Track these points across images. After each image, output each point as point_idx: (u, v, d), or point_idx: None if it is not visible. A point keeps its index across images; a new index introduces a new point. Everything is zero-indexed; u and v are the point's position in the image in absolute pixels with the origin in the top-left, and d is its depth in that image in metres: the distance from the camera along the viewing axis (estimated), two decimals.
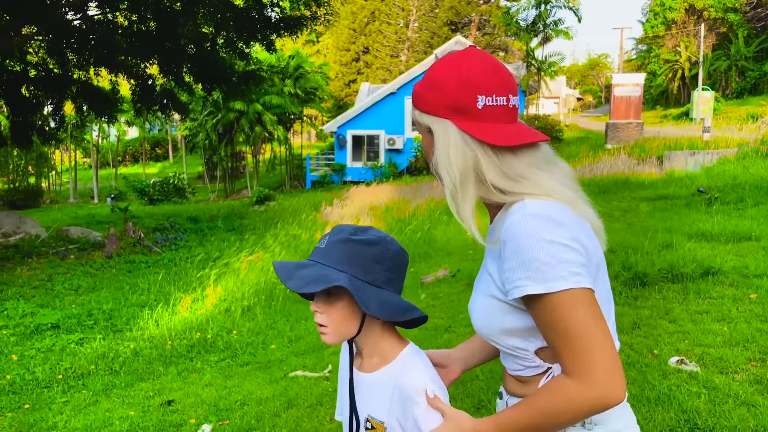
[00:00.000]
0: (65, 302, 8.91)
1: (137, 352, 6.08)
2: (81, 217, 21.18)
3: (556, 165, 1.17)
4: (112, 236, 13.13)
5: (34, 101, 15.59)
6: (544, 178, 1.11)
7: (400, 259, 1.28)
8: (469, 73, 1.11)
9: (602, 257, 1.14)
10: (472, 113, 1.11)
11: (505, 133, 1.10)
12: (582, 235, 1.07)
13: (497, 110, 1.11)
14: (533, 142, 1.13)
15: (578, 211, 1.11)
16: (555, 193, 1.10)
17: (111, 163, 43.57)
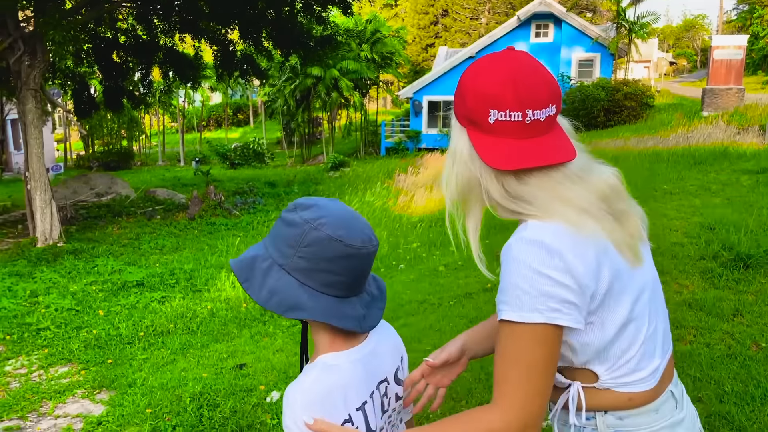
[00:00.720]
0: (150, 261, 9.31)
1: (213, 313, 6.23)
2: (168, 179, 22.17)
3: (583, 180, 1.10)
4: (194, 198, 13.59)
5: (124, 67, 16.25)
6: (555, 199, 1.06)
7: (322, 250, 1.08)
8: (484, 84, 1.07)
9: (619, 278, 1.08)
10: (483, 127, 1.08)
11: (511, 153, 1.05)
12: (580, 265, 1.02)
13: (510, 126, 1.06)
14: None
15: (588, 233, 1.05)
16: (564, 216, 1.05)
17: (196, 127, 45.25)
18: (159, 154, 36.91)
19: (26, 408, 4.24)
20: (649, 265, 1.19)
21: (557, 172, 1.08)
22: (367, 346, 1.20)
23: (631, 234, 1.12)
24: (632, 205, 1.18)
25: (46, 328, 6.03)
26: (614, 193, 1.13)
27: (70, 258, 9.38)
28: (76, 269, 8.71)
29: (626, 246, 1.10)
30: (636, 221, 1.15)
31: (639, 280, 1.12)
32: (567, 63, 25.09)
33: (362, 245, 1.10)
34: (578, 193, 1.08)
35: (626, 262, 1.10)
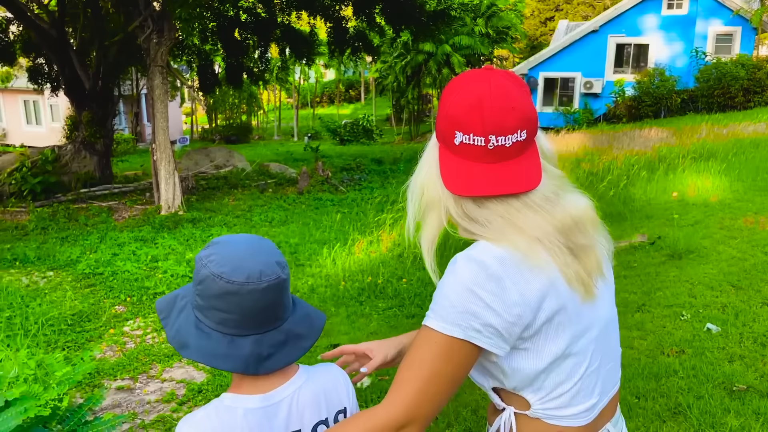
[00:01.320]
0: (259, 233, 9.67)
1: (313, 289, 6.32)
2: (281, 153, 23.01)
3: (545, 210, 1.07)
4: (303, 173, 13.96)
5: (245, 44, 16.93)
6: (509, 226, 1.06)
7: (208, 287, 1.07)
8: (454, 105, 1.07)
9: (564, 311, 1.06)
10: (450, 147, 1.09)
11: (470, 179, 1.06)
12: (516, 294, 1.02)
13: (474, 150, 1.06)
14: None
15: (536, 263, 1.04)
16: (514, 243, 1.05)
17: (310, 103, 46.60)
18: (275, 128, 38.46)
19: (138, 369, 4.51)
20: (605, 303, 1.16)
21: (517, 199, 1.07)
22: (280, 394, 1.13)
23: (587, 269, 1.10)
24: (598, 239, 1.15)
25: (161, 292, 6.42)
26: (577, 225, 1.10)
27: (189, 226, 9.96)
28: (193, 237, 9.23)
29: (578, 281, 1.08)
30: (596, 257, 1.13)
31: (588, 317, 1.11)
32: (702, 37, 22.86)
33: (246, 281, 1.06)
34: (535, 223, 1.06)
35: (576, 296, 1.08)
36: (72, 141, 13.59)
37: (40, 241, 9.10)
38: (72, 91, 13.30)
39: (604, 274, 1.16)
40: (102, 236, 9.32)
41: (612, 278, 1.20)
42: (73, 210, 11.31)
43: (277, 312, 1.11)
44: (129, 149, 24.79)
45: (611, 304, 1.19)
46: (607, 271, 1.18)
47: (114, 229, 9.86)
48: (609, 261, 1.19)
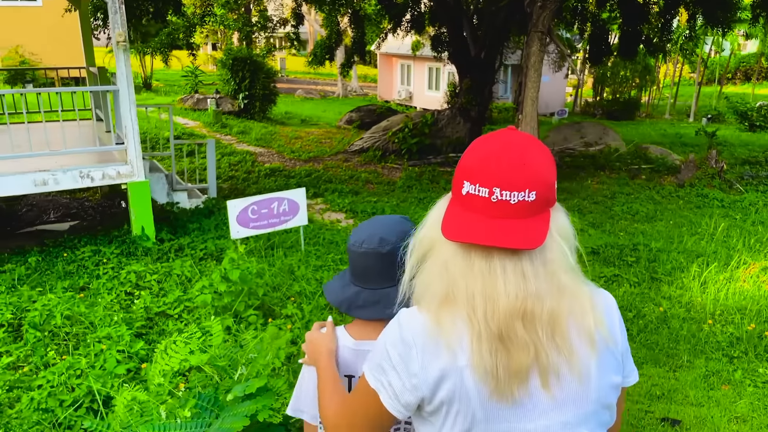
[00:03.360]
0: (616, 227, 8.31)
1: (664, 318, 4.87)
2: (667, 135, 20.18)
3: (512, 283, 1.00)
4: (689, 162, 11.65)
5: (646, 8, 14.94)
6: (452, 292, 1.04)
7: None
8: (469, 156, 1.07)
9: (465, 402, 1.02)
10: (458, 197, 1.07)
11: (465, 225, 1.03)
12: (418, 366, 1.03)
13: (478, 201, 1.03)
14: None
15: (451, 342, 1.01)
16: (440, 316, 1.04)
17: (718, 80, 40.00)
18: (667, 106, 34.28)
19: None
20: (544, 418, 1.04)
21: (497, 261, 1.02)
22: (368, 345, 1.36)
23: (511, 368, 1.00)
24: (570, 347, 1.03)
25: None
26: (551, 321, 1.01)
27: None
28: None
29: (491, 375, 1.00)
30: (537, 361, 1.01)
31: (506, 420, 1.03)
32: None
33: (351, 244, 1.43)
34: (486, 294, 1.00)
35: (484, 391, 1.01)
36: (450, 107, 14.22)
37: (401, 199, 9.66)
38: (458, 58, 13.80)
39: (568, 391, 1.04)
40: None
41: (592, 406, 1.06)
42: (438, 173, 11.80)
43: (376, 277, 1.40)
44: (509, 118, 25.31)
45: (574, 427, 1.06)
46: (588, 392, 1.05)
47: None
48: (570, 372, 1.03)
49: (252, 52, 20.23)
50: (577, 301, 1.05)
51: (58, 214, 8.40)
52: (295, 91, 32.94)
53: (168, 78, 30.23)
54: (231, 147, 13.49)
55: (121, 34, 5.74)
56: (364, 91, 35.87)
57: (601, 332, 1.07)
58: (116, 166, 6.12)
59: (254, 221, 5.79)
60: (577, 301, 1.05)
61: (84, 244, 6.27)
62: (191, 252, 6.28)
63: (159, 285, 5.24)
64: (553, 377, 1.03)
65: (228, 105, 19.20)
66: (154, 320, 4.55)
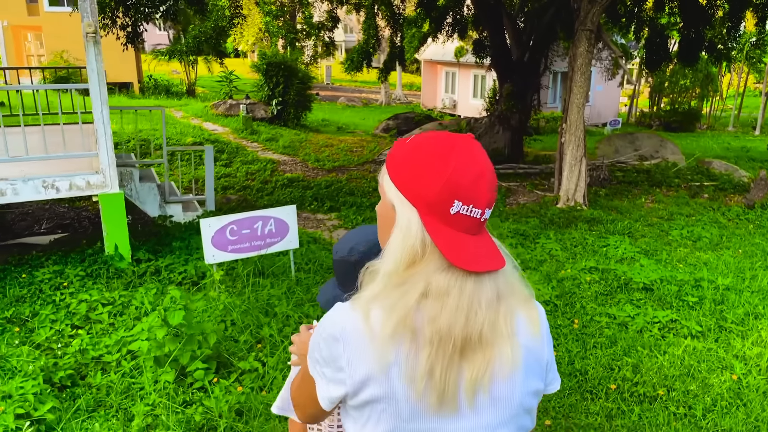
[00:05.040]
0: (674, 255, 7.06)
1: (739, 392, 3.70)
2: (732, 149, 18.43)
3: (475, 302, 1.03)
4: (760, 180, 10.18)
5: (709, 12, 13.51)
6: (408, 302, 1.03)
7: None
8: (458, 171, 1.03)
9: (391, 403, 1.04)
10: (440, 215, 1.04)
11: (464, 250, 1.03)
12: (344, 361, 1.05)
13: (468, 221, 1.04)
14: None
15: (383, 347, 1.02)
16: (385, 320, 1.03)
17: None
18: (731, 118, 31.99)
19: None
20: (479, 423, 1.07)
21: (472, 284, 1.04)
22: None
23: (460, 376, 1.03)
24: (510, 352, 1.06)
25: None
26: (508, 327, 1.07)
27: (583, 228, 8.06)
28: (583, 244, 7.31)
29: (434, 389, 1.02)
30: (481, 372, 1.04)
31: (434, 426, 1.06)
32: None
33: (333, 251, 1.55)
34: (444, 310, 1.02)
35: (418, 398, 1.03)
36: (488, 114, 13.13)
37: None
38: (498, 62, 12.72)
39: (493, 395, 1.07)
40: None
41: (514, 410, 1.09)
42: None
43: (351, 283, 1.26)
44: (556, 128, 23.92)
45: (494, 429, 1.09)
46: (512, 397, 1.08)
47: (499, 216, 8.74)
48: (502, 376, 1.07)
49: (287, 56, 19.65)
50: (526, 302, 1.11)
51: (50, 224, 7.79)
52: (338, 99, 32.38)
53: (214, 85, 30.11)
54: (254, 155, 12.79)
55: (90, 25, 5.00)
56: (408, 99, 34.98)
57: (534, 338, 1.11)
58: (85, 175, 5.37)
59: (233, 243, 4.91)
60: (526, 303, 1.11)
61: (52, 263, 5.54)
62: (168, 276, 5.46)
63: (110, 319, 4.41)
64: (496, 379, 1.06)
65: (261, 111, 18.64)
66: (84, 369, 3.70)
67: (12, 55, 25.17)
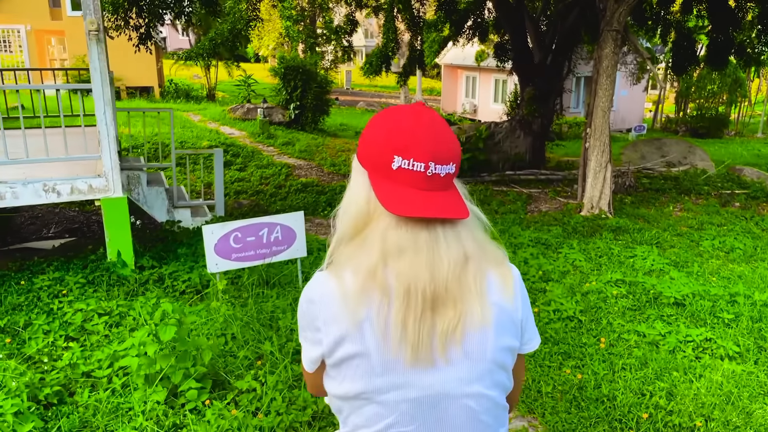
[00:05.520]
0: (705, 267, 6.66)
1: None
2: (763, 156, 17.83)
3: (437, 251, 1.07)
4: None
5: (739, 14, 13.01)
6: (365, 258, 1.08)
7: None
8: (394, 130, 1.08)
9: (366, 358, 1.07)
10: (384, 173, 1.09)
11: (404, 200, 1.06)
12: (321, 322, 1.10)
13: (412, 175, 1.07)
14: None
15: (355, 307, 1.07)
16: (353, 281, 1.08)
17: None
18: (760, 124, 31.10)
19: None
20: (454, 377, 1.10)
21: (428, 231, 1.08)
22: None
23: (436, 333, 1.07)
24: (483, 307, 1.10)
25: None
26: (477, 280, 1.10)
27: (608, 237, 7.68)
28: (608, 255, 6.94)
29: (407, 341, 1.06)
30: (459, 325, 1.08)
31: (410, 377, 1.08)
32: None
33: None
34: (411, 262, 1.06)
35: (391, 350, 1.07)
36: (509, 119, 12.78)
37: None
38: (520, 65, 12.38)
39: (466, 349, 1.10)
40: (504, 230, 7.96)
41: (488, 365, 1.12)
42: (491, 193, 10.39)
43: None
44: (579, 134, 23.41)
45: (468, 382, 1.11)
46: (485, 351, 1.11)
47: (519, 223, 8.39)
48: (477, 331, 1.10)
49: (306, 60, 19.50)
50: (493, 262, 1.14)
51: (58, 228, 7.64)
52: (357, 104, 32.22)
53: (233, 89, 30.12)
54: (269, 159, 12.59)
55: (93, 22, 4.80)
56: (428, 104, 34.68)
57: (506, 297, 1.13)
58: (87, 179, 5.17)
59: (237, 252, 4.66)
60: (493, 263, 1.14)
61: (54, 269, 5.35)
62: (171, 284, 5.23)
63: (106, 330, 4.18)
64: (467, 333, 1.08)
65: (279, 115, 18.50)
66: (73, 385, 3.47)
67: (35, 58, 25.43)
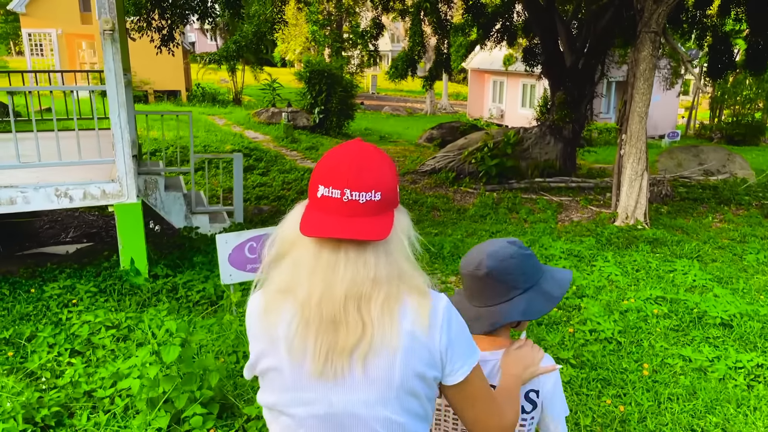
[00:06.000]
0: (751, 284, 6.22)
1: None
2: None
3: (347, 269, 1.12)
4: None
5: None
6: (291, 277, 1.15)
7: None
8: (322, 163, 1.17)
9: (279, 372, 1.15)
10: (313, 200, 1.17)
11: (315, 222, 1.13)
12: (250, 336, 1.21)
13: (331, 201, 1.13)
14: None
15: (269, 323, 1.15)
16: (268, 298, 1.18)
17: None
18: None
19: None
20: (354, 395, 1.14)
21: (331, 252, 1.13)
22: (485, 356, 1.49)
23: (330, 346, 1.11)
24: (378, 323, 1.12)
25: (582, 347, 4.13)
26: (385, 303, 1.12)
27: (645, 249, 7.26)
28: (646, 268, 6.53)
29: (306, 354, 1.12)
30: (358, 345, 1.10)
31: (316, 392, 1.14)
32: None
33: (461, 264, 1.58)
34: (317, 279, 1.11)
35: (296, 365, 1.13)
36: (539, 124, 12.38)
37: (468, 232, 8.01)
38: (550, 69, 11.97)
39: (370, 372, 1.12)
40: (534, 240, 7.60)
41: (395, 391, 1.14)
42: (520, 200, 10.02)
43: (478, 296, 1.54)
44: (610, 140, 22.81)
45: (374, 405, 1.14)
46: (392, 377, 1.13)
47: (550, 234, 8.01)
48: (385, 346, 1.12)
49: (331, 64, 19.35)
50: (413, 290, 1.15)
51: (77, 233, 7.51)
52: (382, 108, 32.00)
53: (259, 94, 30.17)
54: (292, 163, 12.40)
55: (107, 21, 4.61)
56: (455, 109, 34.29)
57: (421, 326, 1.14)
58: (100, 183, 4.98)
59: (253, 262, 4.41)
60: (413, 290, 1.15)
61: (65, 277, 5.17)
62: (185, 294, 5.01)
63: (113, 345, 3.96)
64: (371, 356, 1.11)
65: (303, 120, 18.35)
66: (74, 405, 3.24)
67: (66, 62, 25.76)
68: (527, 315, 1.50)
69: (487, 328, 1.49)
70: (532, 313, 1.50)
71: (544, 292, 1.53)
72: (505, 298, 1.49)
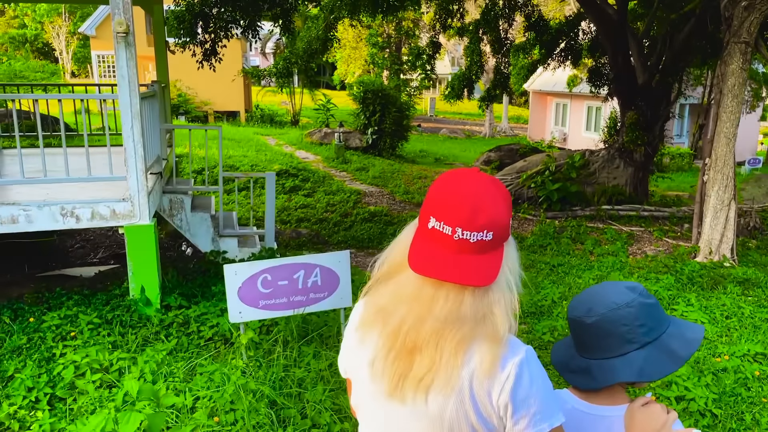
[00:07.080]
0: None
1: None
2: None
3: (418, 301, 1.15)
4: None
5: None
6: (389, 303, 1.19)
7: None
8: (437, 193, 1.16)
9: (362, 385, 1.23)
10: (423, 229, 1.17)
11: (422, 255, 1.13)
12: (346, 337, 1.30)
13: (441, 236, 1.12)
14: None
15: (363, 339, 1.23)
16: (366, 315, 1.25)
17: None
18: None
19: None
20: (410, 421, 1.16)
21: (430, 288, 1.14)
22: (602, 411, 1.35)
23: (404, 372, 1.15)
24: (448, 360, 1.12)
25: None
26: (459, 344, 1.12)
27: (734, 292, 6.20)
28: (736, 314, 5.51)
29: (387, 376, 1.17)
30: (420, 373, 1.13)
31: (384, 408, 1.19)
32: None
33: (569, 308, 1.41)
34: (403, 311, 1.16)
35: (374, 382, 1.20)
36: (607, 147, 11.37)
37: (526, 265, 7.15)
38: (621, 87, 11.00)
39: (429, 404, 1.14)
40: (602, 276, 6.67)
41: (449, 429, 1.14)
42: (585, 229, 9.05)
43: (587, 345, 1.37)
44: (683, 166, 21.25)
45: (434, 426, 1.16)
46: (443, 414, 1.13)
47: (620, 269, 7.04)
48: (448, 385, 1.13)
49: (386, 84, 18.90)
50: (488, 335, 1.13)
51: (106, 253, 7.14)
52: (439, 131, 31.39)
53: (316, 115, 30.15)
54: (340, 184, 11.86)
55: (121, 23, 4.16)
56: (515, 132, 33.25)
57: (480, 371, 1.12)
58: (110, 202, 4.49)
59: (266, 298, 3.78)
60: (487, 336, 1.13)
61: (73, 304, 4.70)
62: (197, 329, 4.42)
63: (97, 392, 3.38)
64: (433, 392, 1.13)
65: (356, 140, 17.91)
66: None
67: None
68: (644, 376, 1.29)
69: (594, 385, 1.34)
70: (651, 373, 1.29)
71: (668, 349, 1.31)
72: (618, 353, 1.32)
